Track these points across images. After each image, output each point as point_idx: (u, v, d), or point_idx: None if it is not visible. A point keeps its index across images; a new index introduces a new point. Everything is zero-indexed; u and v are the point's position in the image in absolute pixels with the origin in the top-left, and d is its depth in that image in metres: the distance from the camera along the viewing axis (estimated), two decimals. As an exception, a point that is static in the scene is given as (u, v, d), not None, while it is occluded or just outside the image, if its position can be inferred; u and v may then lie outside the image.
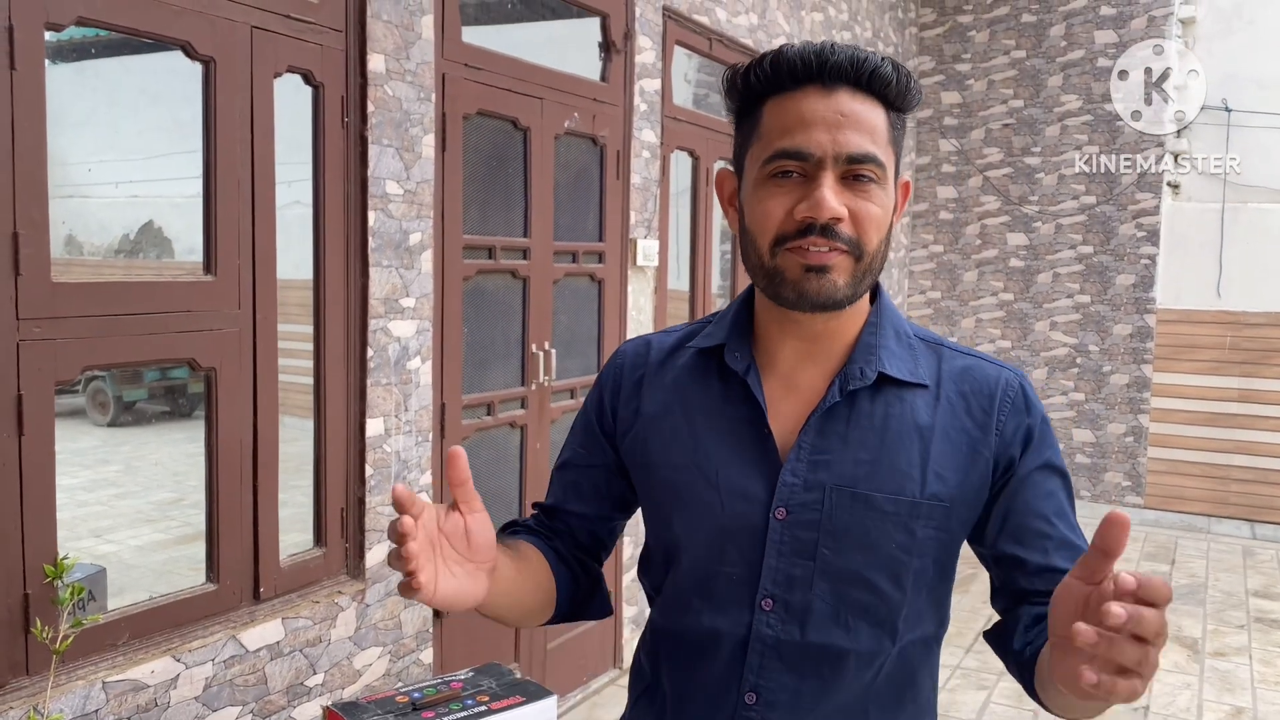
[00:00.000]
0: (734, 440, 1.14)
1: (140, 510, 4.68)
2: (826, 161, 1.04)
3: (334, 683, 2.82)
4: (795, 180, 1.05)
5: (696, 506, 1.14)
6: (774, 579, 1.11)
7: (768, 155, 1.07)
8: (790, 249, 1.05)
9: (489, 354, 3.54)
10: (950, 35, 7.71)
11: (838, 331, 1.14)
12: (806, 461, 1.11)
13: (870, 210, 1.05)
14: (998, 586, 1.18)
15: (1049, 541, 1.12)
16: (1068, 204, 7.35)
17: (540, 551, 1.22)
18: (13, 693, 2.08)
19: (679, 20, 4.45)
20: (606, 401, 1.26)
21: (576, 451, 1.29)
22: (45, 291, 2.11)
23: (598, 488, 1.27)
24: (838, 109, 1.04)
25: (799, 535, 1.10)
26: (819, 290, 1.05)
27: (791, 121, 1.05)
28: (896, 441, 1.11)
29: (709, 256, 4.98)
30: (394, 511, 2.02)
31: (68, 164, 2.23)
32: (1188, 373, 7.06)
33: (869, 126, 1.05)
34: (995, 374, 1.16)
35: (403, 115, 2.94)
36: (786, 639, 1.11)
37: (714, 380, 1.18)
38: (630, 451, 1.22)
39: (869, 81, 1.05)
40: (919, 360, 1.15)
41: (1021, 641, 1.11)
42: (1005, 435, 1.13)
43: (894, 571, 1.11)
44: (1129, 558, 6.42)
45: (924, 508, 1.10)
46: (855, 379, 1.12)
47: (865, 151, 1.04)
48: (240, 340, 2.55)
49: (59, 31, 2.14)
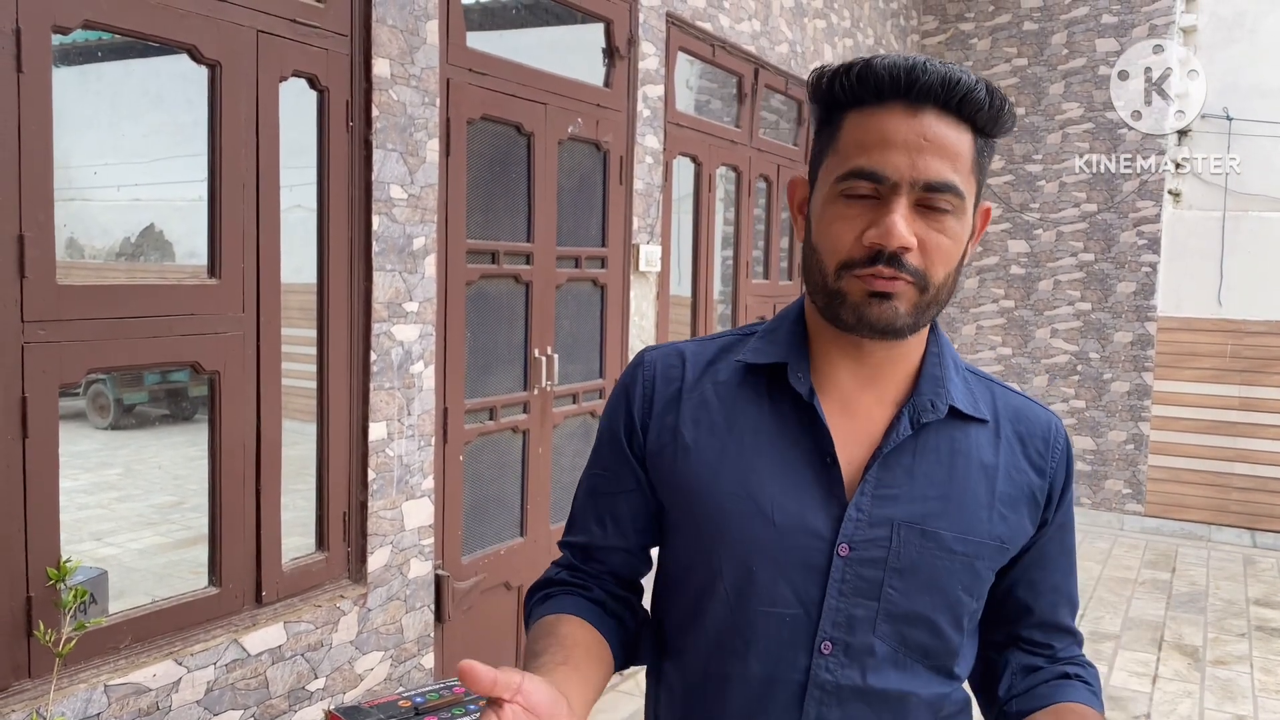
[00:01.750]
0: (791, 469, 1.06)
1: (140, 513, 4.67)
2: (902, 186, 0.97)
3: (335, 687, 2.82)
4: (868, 202, 0.99)
5: (746, 539, 1.05)
6: (834, 620, 1.04)
7: (842, 172, 1.00)
8: (857, 275, 0.99)
9: (492, 359, 3.54)
10: (952, 43, 7.73)
11: (900, 359, 1.08)
12: (872, 495, 1.04)
13: (941, 242, 1.00)
14: (992, 622, 1.16)
15: (1059, 597, 1.15)
16: (1069, 211, 7.36)
17: (583, 617, 1.11)
18: (15, 695, 2.08)
19: (682, 26, 4.46)
20: (636, 417, 1.14)
21: (605, 477, 1.17)
22: (50, 294, 2.11)
23: (636, 515, 1.16)
24: (921, 131, 0.98)
25: (863, 574, 1.04)
26: (879, 316, 0.99)
27: (871, 139, 0.99)
28: (965, 478, 1.07)
29: (711, 262, 4.98)
30: (394, 524, 2.00)
31: (69, 167, 2.24)
32: (1188, 380, 7.06)
33: (952, 152, 0.99)
34: (1046, 418, 1.14)
35: (407, 120, 2.94)
36: (847, 684, 1.05)
37: (765, 400, 1.09)
38: (663, 473, 1.12)
39: (959, 105, 0.98)
40: (976, 395, 1.12)
41: (1007, 689, 1.13)
42: (1055, 484, 1.12)
43: (956, 614, 1.07)
44: (1129, 566, 6.42)
45: (989, 548, 1.07)
46: (927, 411, 1.07)
47: (944, 180, 0.98)
48: (244, 344, 2.55)
49: (66, 34, 2.14)
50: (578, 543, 1.19)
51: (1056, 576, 1.15)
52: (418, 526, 3.10)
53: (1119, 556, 6.62)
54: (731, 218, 5.34)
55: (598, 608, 1.13)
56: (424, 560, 3.14)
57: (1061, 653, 1.16)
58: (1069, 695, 1.10)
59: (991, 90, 1.00)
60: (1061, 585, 1.15)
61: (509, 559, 3.62)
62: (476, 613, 3.47)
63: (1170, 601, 5.75)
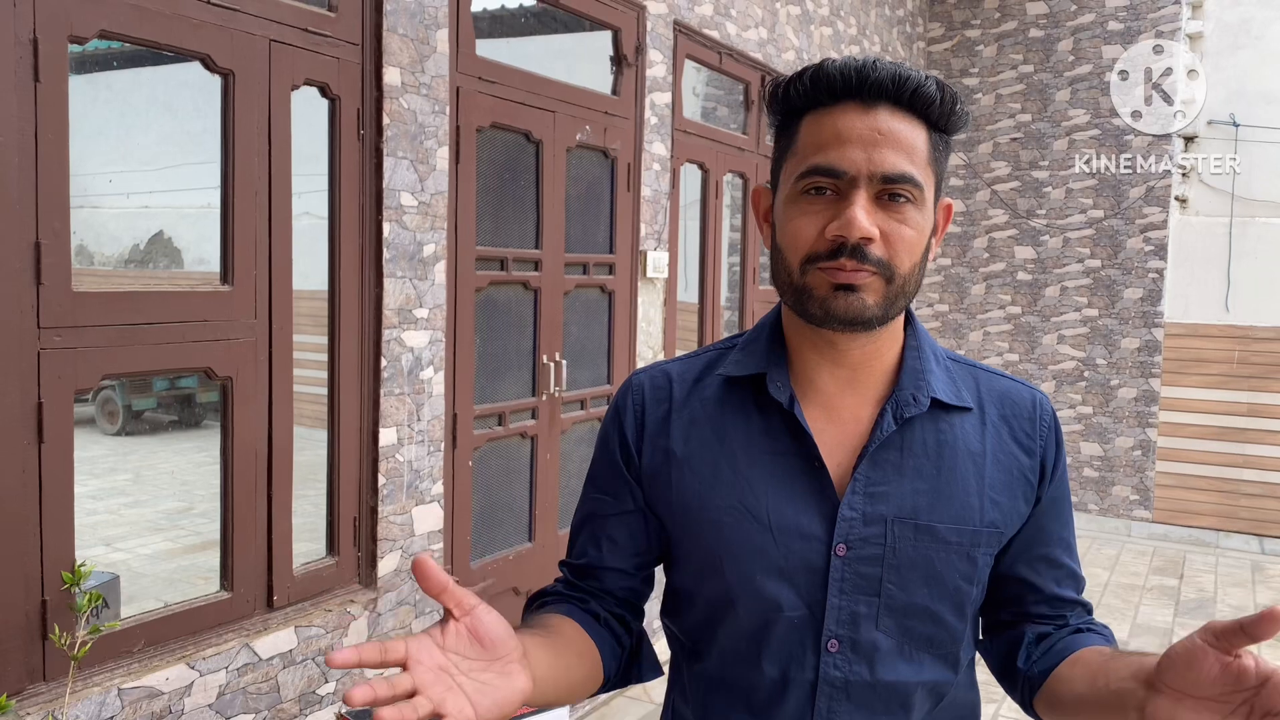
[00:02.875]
0: (782, 476, 1.08)
1: (149, 519, 4.69)
2: (860, 180, 1.00)
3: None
4: (828, 198, 1.02)
5: (748, 551, 1.08)
6: (838, 619, 1.07)
7: (801, 171, 1.03)
8: (821, 269, 1.01)
9: (500, 364, 3.55)
10: (958, 50, 7.74)
11: (876, 356, 1.10)
12: (863, 494, 1.07)
13: (903, 232, 1.01)
14: (998, 602, 1.18)
15: (1061, 571, 1.16)
16: (1075, 218, 7.36)
17: (574, 619, 1.12)
18: (30, 698, 2.10)
19: (689, 34, 4.48)
20: (630, 439, 1.15)
21: (601, 500, 1.18)
22: (66, 301, 2.14)
23: (634, 537, 1.17)
24: (875, 126, 1.00)
25: (861, 571, 1.06)
26: (846, 309, 1.01)
27: (827, 138, 1.01)
28: (953, 469, 1.09)
29: (718, 269, 5.00)
30: (404, 529, 2.01)
31: (80, 174, 2.27)
32: (1196, 387, 7.05)
33: (907, 145, 1.01)
34: (1030, 396, 1.16)
35: (417, 128, 2.96)
36: (855, 679, 1.07)
37: (751, 411, 1.11)
38: (660, 493, 1.14)
39: (911, 100, 1.01)
40: (959, 383, 1.13)
41: (1025, 659, 1.14)
42: (1045, 461, 1.14)
43: (957, 602, 1.09)
44: (1137, 572, 6.41)
45: (984, 535, 1.09)
46: (909, 406, 1.08)
47: (901, 171, 1.00)
48: (256, 350, 2.57)
49: (82, 44, 2.17)
50: (577, 564, 1.20)
51: (1055, 552, 1.16)
52: (427, 531, 3.11)
53: (1127, 563, 6.61)
54: (738, 224, 5.35)
55: (591, 618, 1.14)
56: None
57: (1073, 620, 1.17)
58: (1086, 643, 1.11)
59: (942, 86, 1.02)
60: (1061, 560, 1.16)
61: (517, 564, 3.64)
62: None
63: (1178, 608, 5.74)
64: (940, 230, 1.11)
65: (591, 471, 1.21)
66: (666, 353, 4.51)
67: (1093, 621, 1.18)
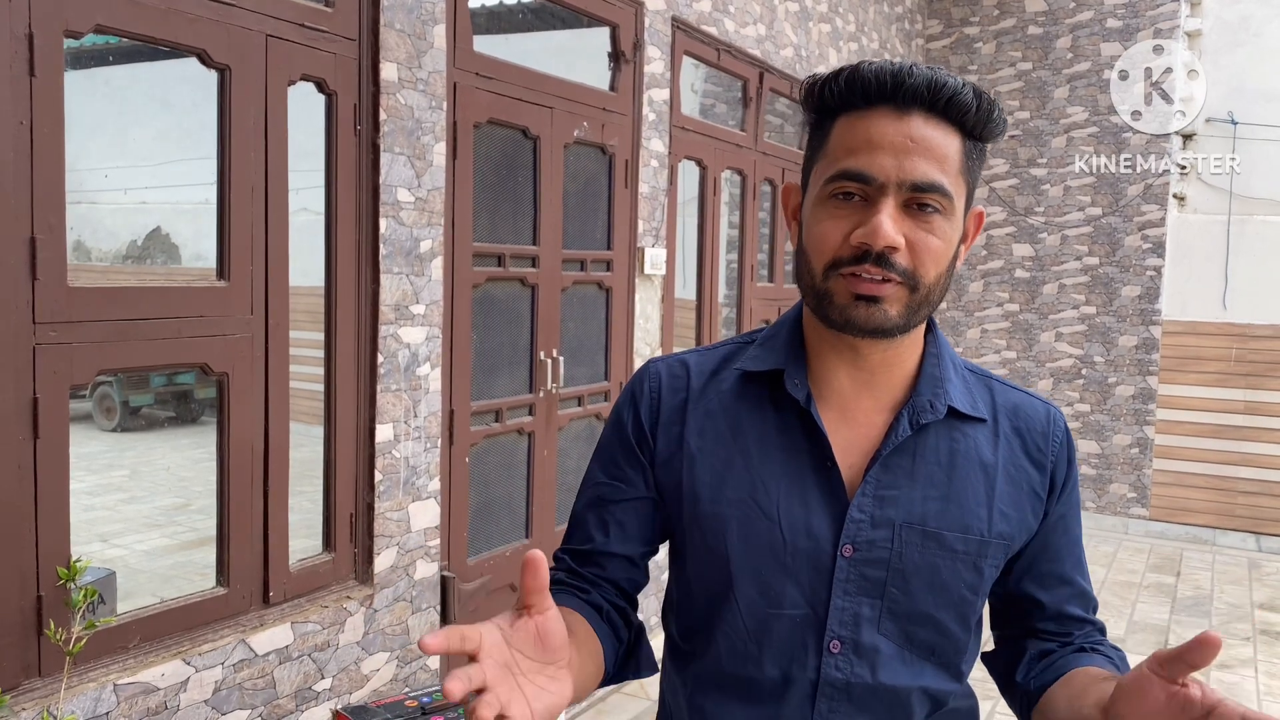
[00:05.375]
0: (794, 474, 1.08)
1: (146, 515, 4.69)
2: (889, 187, 0.99)
3: (342, 687, 2.83)
4: (856, 203, 1.00)
5: (754, 545, 1.07)
6: (841, 620, 1.06)
7: (831, 174, 1.02)
8: (844, 274, 1.01)
9: (498, 361, 3.55)
10: (957, 47, 7.74)
11: (895, 361, 1.09)
12: (873, 497, 1.06)
13: (930, 242, 1.00)
14: (1006, 617, 1.19)
15: (1068, 589, 1.16)
16: (1073, 215, 7.36)
17: (582, 615, 1.10)
18: (26, 694, 2.09)
19: (688, 31, 4.48)
20: (645, 423, 1.15)
21: (610, 485, 1.16)
22: (61, 296, 2.13)
23: (642, 523, 1.16)
24: (908, 133, 0.99)
25: (866, 573, 1.06)
26: (867, 319, 1.01)
27: (859, 142, 1.00)
28: (964, 478, 1.08)
29: (716, 266, 5.00)
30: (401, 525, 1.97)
31: (76, 170, 2.26)
32: (1193, 385, 7.06)
33: (939, 154, 1.00)
34: (1043, 411, 1.15)
35: (414, 124, 2.96)
36: (856, 681, 1.07)
37: (767, 407, 1.11)
38: (670, 482, 1.13)
39: (946, 107, 1.00)
40: (975, 394, 1.13)
41: (1025, 674, 1.15)
42: (1056, 477, 1.13)
43: (961, 612, 1.09)
44: (1133, 570, 6.42)
45: (992, 546, 1.08)
46: (926, 412, 1.08)
47: (931, 180, 0.99)
48: (253, 345, 2.56)
49: (78, 39, 2.16)
50: (579, 549, 1.17)
51: (1064, 568, 1.15)
52: (424, 528, 3.11)
53: (1123, 560, 6.62)
54: (736, 221, 5.35)
55: (595, 611, 1.13)
56: (430, 561, 3.15)
57: (1079, 638, 1.16)
58: (1084, 663, 1.11)
59: (979, 94, 1.01)
60: (1070, 577, 1.15)
61: (514, 560, 3.63)
62: (482, 614, 3.47)
63: (1175, 606, 5.75)
64: (970, 238, 1.10)
65: (601, 456, 1.19)
66: (664, 350, 4.51)
67: (1101, 642, 1.17)
